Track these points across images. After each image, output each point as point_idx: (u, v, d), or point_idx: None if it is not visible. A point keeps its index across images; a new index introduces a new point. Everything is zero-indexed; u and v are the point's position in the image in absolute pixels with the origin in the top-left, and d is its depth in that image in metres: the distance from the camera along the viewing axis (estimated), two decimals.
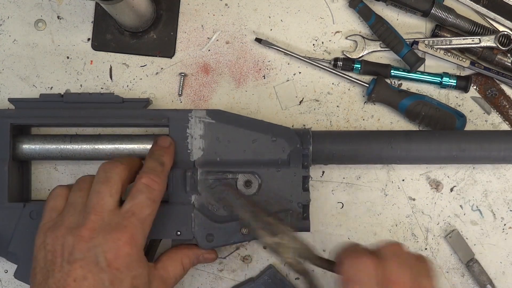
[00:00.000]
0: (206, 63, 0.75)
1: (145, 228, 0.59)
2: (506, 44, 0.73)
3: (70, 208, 0.60)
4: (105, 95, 0.68)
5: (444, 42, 0.74)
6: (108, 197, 0.59)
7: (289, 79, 0.75)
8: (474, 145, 0.68)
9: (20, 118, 0.67)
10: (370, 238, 0.72)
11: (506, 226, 0.73)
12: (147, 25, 0.75)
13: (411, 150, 0.68)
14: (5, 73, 0.75)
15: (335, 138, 0.68)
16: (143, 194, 0.60)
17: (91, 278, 0.55)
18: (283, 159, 0.66)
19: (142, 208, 0.59)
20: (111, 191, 0.59)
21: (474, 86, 0.75)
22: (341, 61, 0.74)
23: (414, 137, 0.68)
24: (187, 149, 0.66)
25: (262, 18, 0.76)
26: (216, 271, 0.71)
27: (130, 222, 0.58)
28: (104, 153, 0.68)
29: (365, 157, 0.68)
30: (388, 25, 0.73)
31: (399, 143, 0.68)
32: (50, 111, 0.68)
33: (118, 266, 0.56)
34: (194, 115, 0.66)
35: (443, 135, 0.69)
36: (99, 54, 0.75)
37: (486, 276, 0.71)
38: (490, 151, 0.68)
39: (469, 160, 0.69)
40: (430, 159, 0.68)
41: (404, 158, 0.68)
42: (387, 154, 0.68)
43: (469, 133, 0.70)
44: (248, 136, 0.66)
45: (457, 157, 0.68)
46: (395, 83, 0.75)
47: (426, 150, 0.68)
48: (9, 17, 0.76)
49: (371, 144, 0.68)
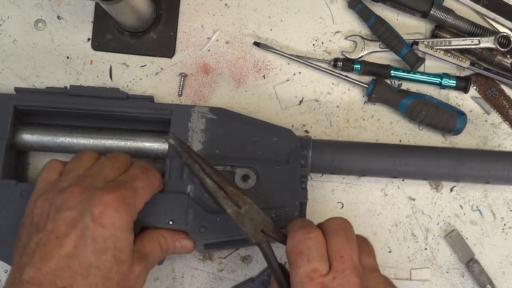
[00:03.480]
0: (206, 63, 0.75)
1: (137, 198, 0.58)
2: (506, 45, 0.73)
3: (66, 175, 0.60)
4: (111, 90, 0.69)
5: (443, 42, 0.74)
6: (109, 169, 0.60)
7: (289, 79, 0.75)
8: (476, 163, 0.68)
9: (24, 101, 0.68)
10: (370, 238, 0.72)
11: (506, 226, 0.73)
12: (147, 25, 0.75)
13: (412, 164, 0.68)
14: (5, 73, 0.75)
15: (335, 147, 0.69)
16: (137, 168, 0.61)
17: (73, 235, 0.53)
18: (282, 157, 0.66)
19: (135, 179, 0.59)
20: (114, 165, 0.60)
21: (474, 86, 0.75)
22: (341, 61, 0.74)
23: (416, 152, 0.69)
24: (187, 141, 0.66)
25: (262, 18, 0.76)
26: (216, 271, 0.71)
27: (123, 186, 0.57)
28: (104, 147, 0.68)
29: (367, 170, 0.69)
30: (388, 25, 0.73)
31: (400, 158, 0.68)
32: (54, 98, 0.68)
33: (103, 223, 0.54)
34: (197, 111, 0.67)
35: (443, 151, 0.69)
36: (99, 54, 0.75)
37: (486, 276, 0.71)
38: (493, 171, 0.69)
39: (470, 179, 0.69)
40: (430, 174, 0.69)
41: (405, 173, 0.69)
42: (388, 167, 0.68)
43: (472, 152, 0.70)
44: (248, 135, 0.66)
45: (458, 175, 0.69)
46: (395, 84, 0.75)
47: (426, 165, 0.68)
48: (9, 17, 0.76)
49: (373, 157, 0.68)
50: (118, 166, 0.61)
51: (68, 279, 0.52)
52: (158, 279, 0.71)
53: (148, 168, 0.62)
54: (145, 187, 0.60)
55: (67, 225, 0.54)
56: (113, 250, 0.54)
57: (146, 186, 0.60)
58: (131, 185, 0.58)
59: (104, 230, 0.54)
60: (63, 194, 0.56)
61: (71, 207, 0.55)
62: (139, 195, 0.59)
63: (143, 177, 0.60)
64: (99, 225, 0.54)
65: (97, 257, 0.53)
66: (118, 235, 0.55)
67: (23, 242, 0.56)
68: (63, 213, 0.55)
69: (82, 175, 0.59)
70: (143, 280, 0.59)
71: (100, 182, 0.58)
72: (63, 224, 0.54)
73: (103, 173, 0.59)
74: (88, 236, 0.54)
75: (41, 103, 0.68)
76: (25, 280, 0.52)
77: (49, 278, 0.52)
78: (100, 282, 0.53)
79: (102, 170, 0.59)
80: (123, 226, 0.55)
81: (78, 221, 0.54)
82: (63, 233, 0.54)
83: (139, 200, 0.59)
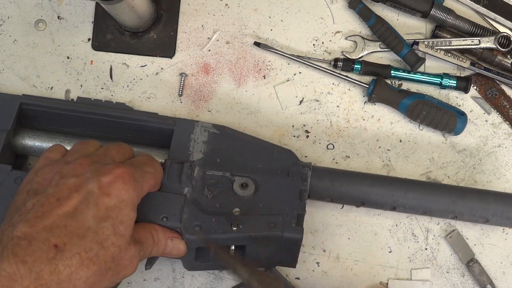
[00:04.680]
0: (206, 63, 0.75)
1: (144, 180, 0.58)
2: (506, 45, 0.73)
3: (71, 154, 0.59)
4: (116, 104, 0.70)
5: (444, 43, 0.74)
6: (116, 152, 0.59)
7: (289, 79, 0.75)
8: (476, 202, 0.67)
9: (30, 100, 0.68)
10: (370, 238, 0.72)
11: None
12: (147, 25, 0.75)
13: (410, 198, 0.67)
14: (5, 73, 0.75)
15: (335, 176, 0.68)
16: (143, 156, 0.61)
17: (75, 198, 0.52)
18: (282, 171, 0.66)
19: (142, 163, 0.59)
20: (120, 151, 0.60)
21: (474, 87, 0.75)
22: (341, 61, 0.74)
23: (415, 187, 0.68)
24: (188, 150, 0.66)
25: (262, 18, 0.76)
26: (216, 271, 0.71)
27: (131, 165, 0.57)
28: None
29: (366, 199, 0.68)
30: (388, 25, 0.73)
31: (400, 192, 0.67)
32: (59, 104, 0.69)
33: (109, 192, 0.53)
34: (201, 125, 0.67)
35: (443, 188, 0.69)
36: (99, 54, 0.75)
37: (486, 276, 0.71)
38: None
39: (469, 217, 0.68)
40: (427, 209, 0.68)
41: (403, 206, 0.68)
42: (388, 200, 0.67)
43: (473, 191, 0.69)
44: (250, 150, 0.67)
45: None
46: (395, 84, 0.75)
47: (425, 200, 0.67)
48: (9, 17, 0.76)
49: (373, 187, 0.67)
50: (123, 152, 0.60)
51: (62, 237, 0.50)
52: (159, 279, 0.71)
53: (154, 159, 0.62)
54: (152, 173, 0.59)
55: (71, 190, 0.53)
56: (114, 220, 0.53)
57: (152, 173, 0.60)
58: (139, 166, 0.58)
59: (108, 199, 0.53)
60: (70, 164, 0.55)
61: (77, 175, 0.54)
62: (147, 179, 0.58)
63: (150, 164, 0.60)
64: (105, 193, 0.53)
65: (96, 223, 0.52)
66: (121, 207, 0.54)
67: (17, 205, 0.54)
68: (68, 180, 0.54)
69: (89, 154, 0.58)
70: (136, 264, 0.57)
71: (109, 160, 0.57)
72: (66, 189, 0.53)
73: (110, 154, 0.59)
74: (92, 201, 0.53)
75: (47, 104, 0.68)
76: (16, 235, 0.49)
77: (42, 235, 0.49)
78: (96, 247, 0.51)
79: (109, 152, 0.59)
80: (128, 201, 0.55)
81: (83, 186, 0.53)
82: (65, 196, 0.52)
83: (146, 183, 0.58)
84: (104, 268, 0.52)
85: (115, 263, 0.53)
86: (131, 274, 0.56)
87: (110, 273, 0.53)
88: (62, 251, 0.49)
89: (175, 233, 0.62)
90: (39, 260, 0.48)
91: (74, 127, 0.70)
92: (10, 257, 0.47)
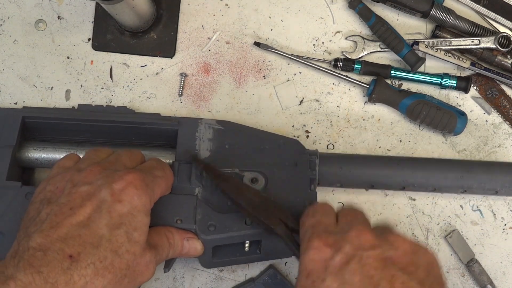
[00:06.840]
0: (206, 63, 0.75)
1: (156, 185, 0.58)
2: (506, 45, 0.73)
3: (83, 161, 0.59)
4: (118, 108, 0.70)
5: (444, 43, 0.74)
6: (127, 158, 0.60)
7: (289, 79, 0.75)
8: (485, 174, 0.68)
9: (32, 113, 0.68)
10: None
11: (507, 226, 0.73)
12: (147, 25, 0.75)
13: (418, 177, 0.68)
14: (6, 73, 0.75)
15: (343, 161, 0.68)
16: (154, 161, 0.61)
17: (88, 207, 0.52)
18: (290, 162, 0.66)
19: (153, 168, 0.59)
20: (131, 157, 0.60)
21: (475, 87, 0.75)
22: (341, 61, 0.74)
23: (423, 165, 0.68)
24: (195, 149, 0.66)
25: (262, 18, 0.76)
26: (217, 271, 0.71)
27: (143, 171, 0.57)
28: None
29: (375, 182, 0.68)
30: (388, 25, 0.73)
31: (407, 171, 0.68)
32: (62, 113, 0.69)
33: (122, 199, 0.54)
34: (204, 122, 0.67)
35: (451, 163, 0.69)
36: (99, 54, 0.75)
37: (487, 276, 0.71)
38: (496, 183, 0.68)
39: (478, 190, 0.69)
40: (437, 186, 0.69)
41: (412, 185, 0.68)
42: (397, 180, 0.68)
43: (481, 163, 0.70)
44: (255, 143, 0.67)
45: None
46: (395, 84, 0.75)
47: (433, 177, 0.68)
48: (10, 17, 0.76)
49: (381, 169, 0.68)
50: (134, 158, 0.61)
51: (77, 247, 0.50)
52: (159, 279, 0.71)
53: (163, 162, 0.62)
54: (162, 177, 0.60)
55: (83, 198, 0.53)
56: (127, 227, 0.53)
57: (163, 177, 0.60)
58: (150, 172, 0.58)
59: (121, 206, 0.53)
60: (82, 172, 0.56)
61: (89, 182, 0.54)
62: (158, 183, 0.58)
63: (160, 168, 0.60)
64: (117, 200, 0.53)
65: (110, 231, 0.52)
66: (134, 213, 0.54)
67: (31, 215, 0.54)
68: (80, 188, 0.54)
69: (101, 161, 0.59)
70: (153, 270, 0.57)
71: (120, 167, 0.58)
72: (78, 198, 0.53)
73: (121, 160, 0.59)
74: (104, 209, 0.53)
75: (49, 115, 0.68)
76: (32, 246, 0.50)
77: (57, 245, 0.50)
78: (110, 256, 0.52)
79: (120, 158, 0.59)
80: (141, 206, 0.55)
81: (95, 194, 0.53)
82: (78, 204, 0.53)
83: (157, 188, 0.58)
84: (119, 275, 0.53)
85: (130, 270, 0.54)
86: (149, 279, 0.57)
87: (126, 280, 0.54)
88: (76, 261, 0.50)
89: (191, 233, 0.63)
90: (54, 271, 0.49)
91: (78, 135, 0.70)
92: (26, 268, 0.48)
